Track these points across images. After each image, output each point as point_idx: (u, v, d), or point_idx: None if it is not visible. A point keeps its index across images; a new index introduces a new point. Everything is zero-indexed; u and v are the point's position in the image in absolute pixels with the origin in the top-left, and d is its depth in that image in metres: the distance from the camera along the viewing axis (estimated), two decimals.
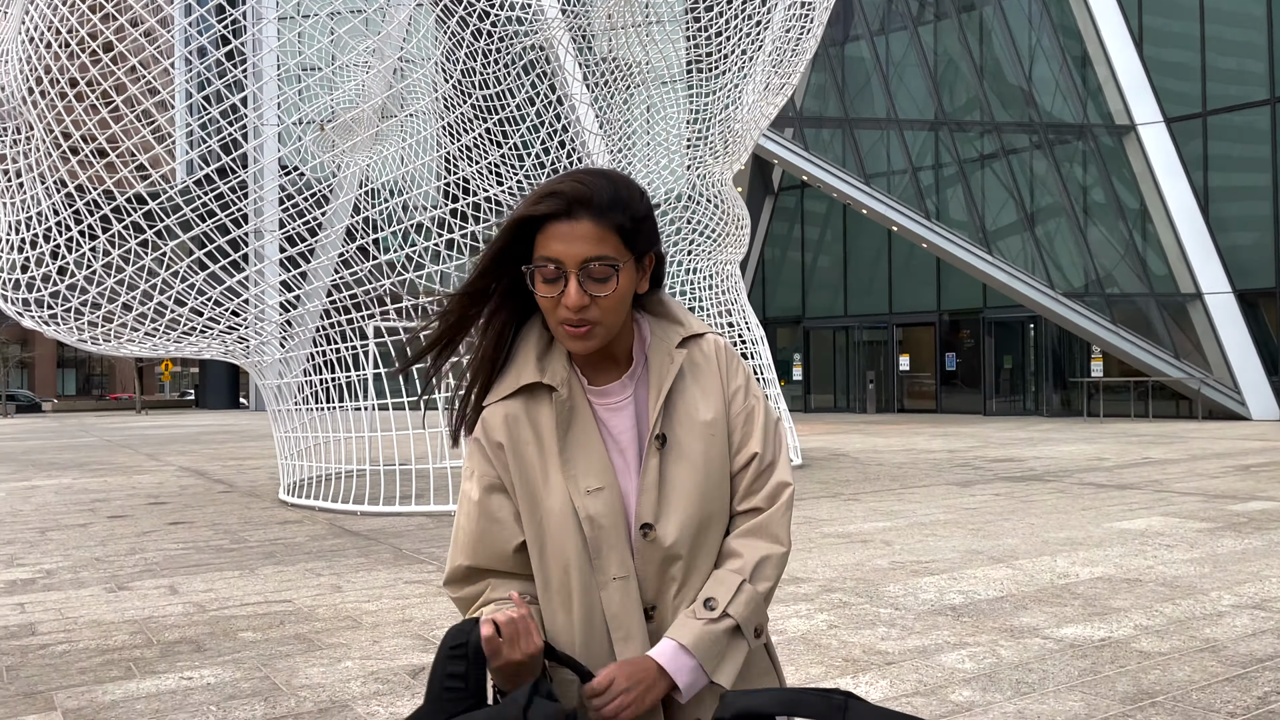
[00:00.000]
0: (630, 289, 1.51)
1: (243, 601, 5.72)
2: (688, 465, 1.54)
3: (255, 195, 10.52)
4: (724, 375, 1.60)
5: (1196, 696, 3.87)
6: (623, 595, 1.50)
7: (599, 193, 1.47)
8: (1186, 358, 21.54)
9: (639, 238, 1.51)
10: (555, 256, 1.46)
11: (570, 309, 1.46)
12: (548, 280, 1.48)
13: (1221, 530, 7.48)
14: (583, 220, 1.46)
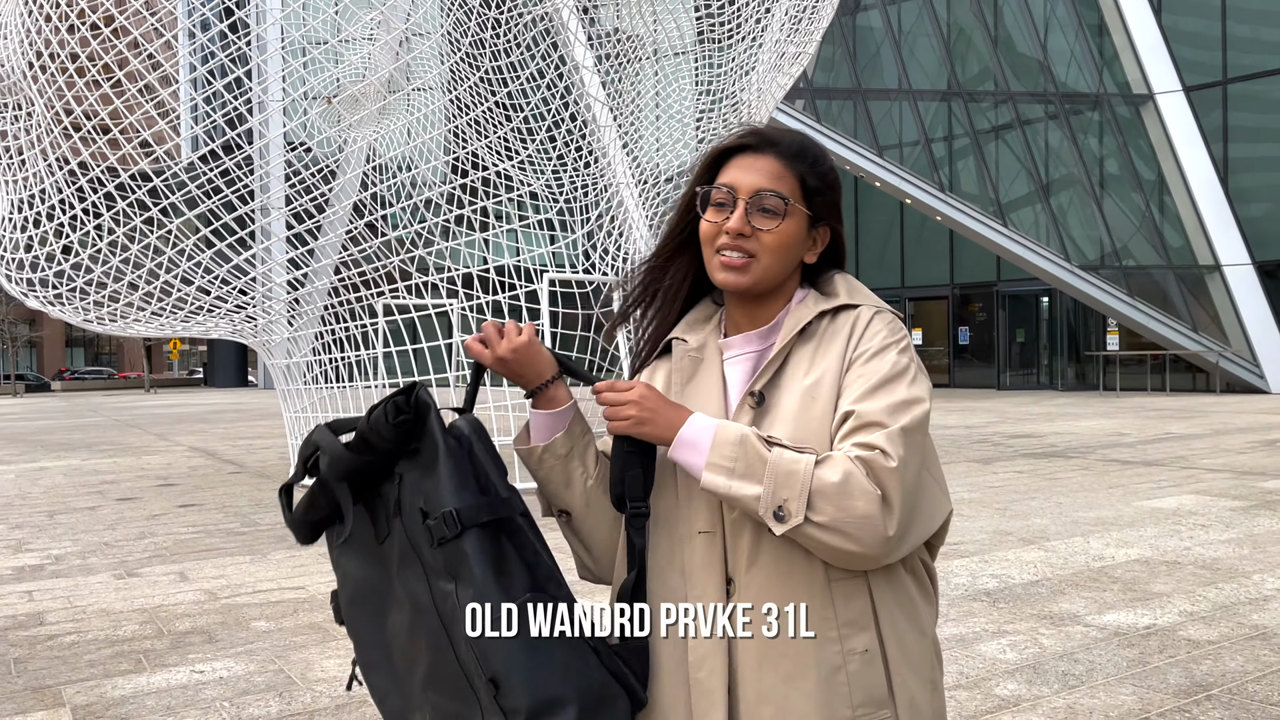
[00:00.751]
0: (796, 242, 1.46)
1: (255, 589, 5.57)
2: (780, 429, 1.38)
3: (261, 171, 10.32)
4: (853, 340, 1.42)
5: (1253, 689, 3.70)
6: (706, 551, 1.40)
7: (789, 140, 1.48)
8: (1204, 330, 21.27)
9: (818, 199, 1.47)
10: (729, 182, 1.46)
11: (729, 233, 1.43)
12: (717, 204, 1.46)
13: (1256, 509, 7.29)
14: (767, 155, 1.46)
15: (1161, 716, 3.46)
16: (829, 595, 1.35)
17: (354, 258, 10.02)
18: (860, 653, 1.35)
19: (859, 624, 1.36)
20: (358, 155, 10.92)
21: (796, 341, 1.44)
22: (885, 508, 1.28)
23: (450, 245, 10.06)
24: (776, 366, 1.43)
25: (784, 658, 1.34)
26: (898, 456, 1.29)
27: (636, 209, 12.24)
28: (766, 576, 1.36)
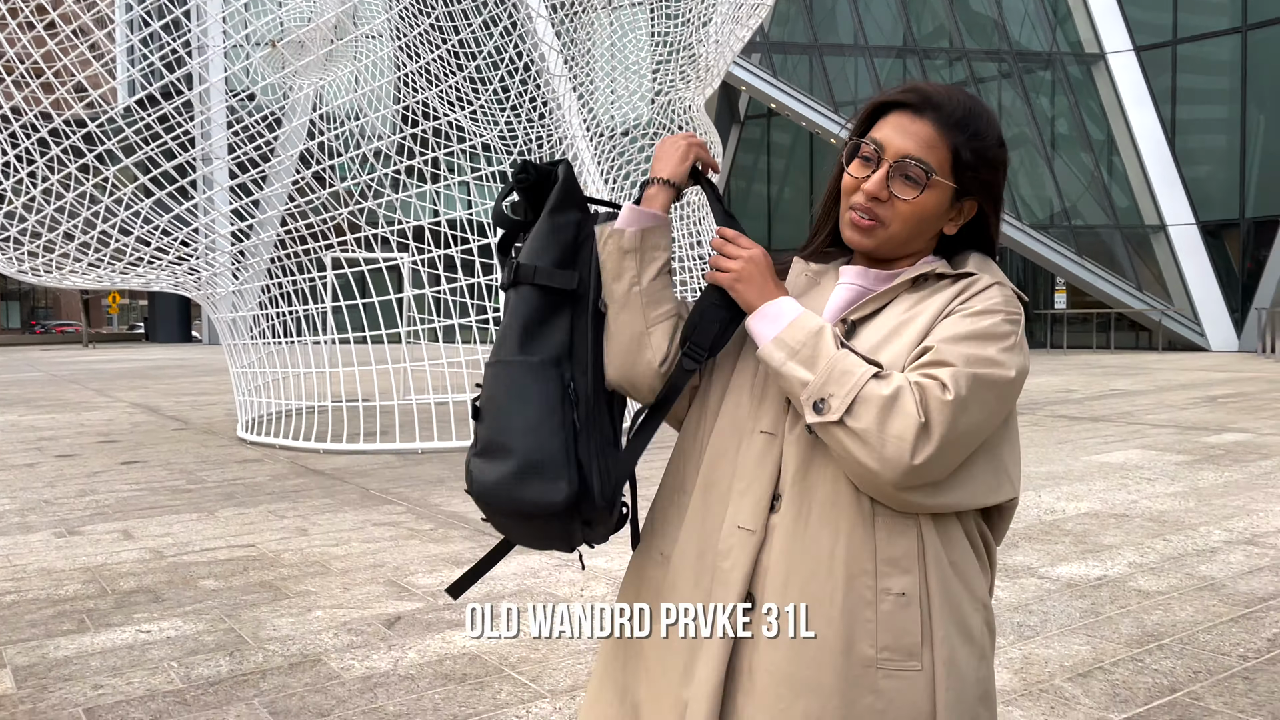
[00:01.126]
0: (934, 214, 1.39)
1: (202, 547, 5.44)
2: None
3: (202, 117, 9.97)
4: (963, 295, 1.36)
5: (1204, 639, 3.76)
6: (762, 452, 1.38)
7: (953, 106, 1.39)
8: (1148, 289, 21.67)
9: (969, 174, 1.38)
10: (880, 140, 1.39)
11: (866, 191, 1.38)
12: (863, 158, 1.40)
13: (1200, 463, 7.44)
14: (925, 119, 1.38)
15: (1115, 665, 3.50)
16: (872, 528, 1.30)
17: (301, 209, 9.75)
18: (896, 594, 1.29)
19: (901, 565, 1.29)
20: (303, 102, 10.59)
21: (906, 289, 1.40)
22: (922, 435, 1.23)
23: (400, 197, 9.82)
24: (879, 305, 1.40)
25: (813, 578, 1.30)
26: (956, 393, 1.24)
27: (591, 161, 12.06)
28: (812, 497, 1.33)
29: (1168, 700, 3.19)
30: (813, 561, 1.30)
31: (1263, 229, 20.42)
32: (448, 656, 3.68)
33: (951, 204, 1.40)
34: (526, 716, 3.14)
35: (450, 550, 5.25)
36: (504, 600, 4.36)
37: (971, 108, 1.39)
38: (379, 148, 9.97)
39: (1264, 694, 3.23)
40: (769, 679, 1.30)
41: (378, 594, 4.49)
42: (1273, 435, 8.77)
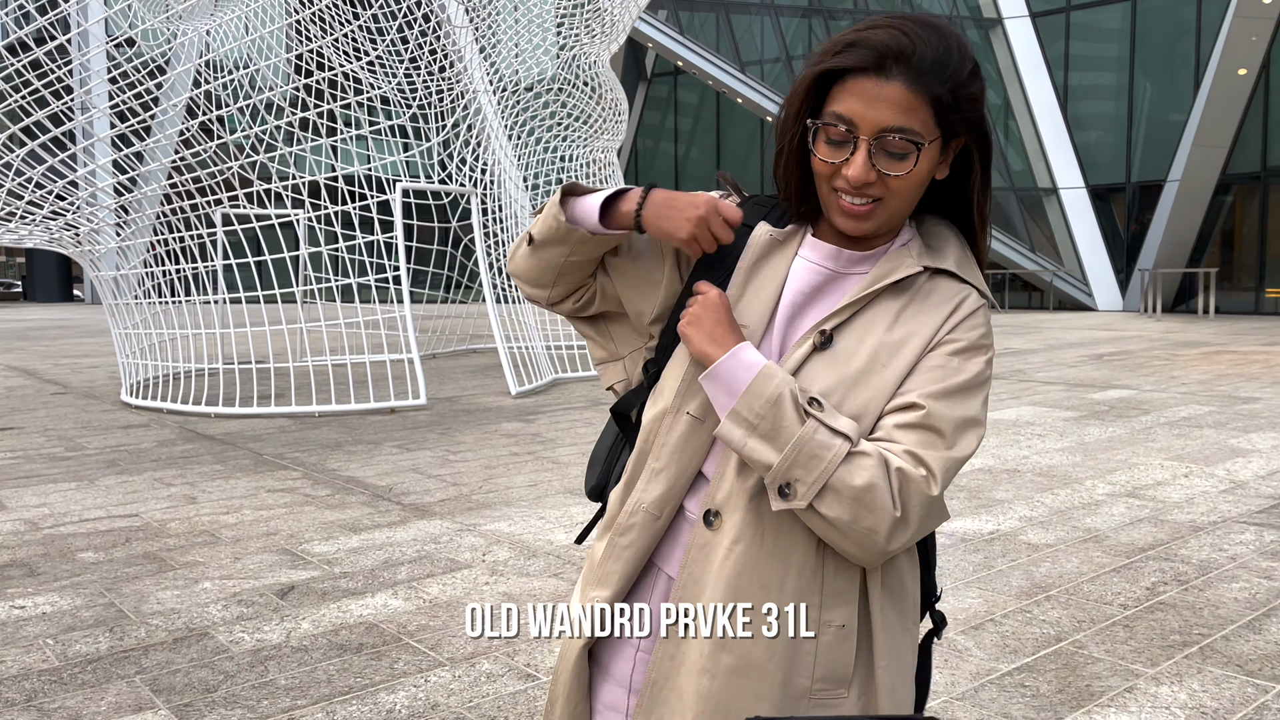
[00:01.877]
0: (928, 174, 1.24)
1: (82, 517, 5.18)
2: (834, 377, 1.23)
3: (79, 63, 9.38)
4: (952, 321, 1.25)
5: (1088, 589, 3.89)
6: (687, 434, 1.28)
7: (922, 49, 1.18)
8: (1040, 251, 22.40)
9: (955, 116, 1.21)
10: (849, 116, 1.20)
11: (852, 181, 1.21)
12: (832, 142, 1.22)
13: (1086, 419, 7.72)
14: (894, 80, 1.18)
15: (1005, 617, 3.60)
16: (821, 561, 1.23)
17: (187, 162, 9.30)
18: (837, 626, 1.23)
19: (843, 597, 1.23)
20: (189, 49, 10.07)
21: (887, 289, 1.27)
22: (899, 526, 1.16)
23: (295, 151, 9.44)
24: (857, 310, 1.26)
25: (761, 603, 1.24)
26: (939, 487, 1.17)
27: (495, 117, 11.80)
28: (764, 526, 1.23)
29: (1054, 649, 3.30)
30: (761, 592, 1.23)
31: (1147, 193, 21.26)
32: (343, 626, 3.58)
33: (940, 154, 1.25)
34: (425, 686, 3.07)
35: (347, 516, 5.11)
36: (402, 566, 4.26)
37: (940, 45, 1.20)
38: (270, 99, 9.55)
39: (1142, 641, 3.36)
40: (701, 705, 1.24)
41: (270, 563, 4.34)
42: (1153, 391, 9.17)
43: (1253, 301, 20.06)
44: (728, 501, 1.24)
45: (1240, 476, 5.75)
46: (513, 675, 3.13)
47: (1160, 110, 21.24)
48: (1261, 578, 3.99)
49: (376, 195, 9.41)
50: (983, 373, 1.25)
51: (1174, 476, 5.76)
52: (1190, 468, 5.98)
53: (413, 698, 2.99)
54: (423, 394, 8.69)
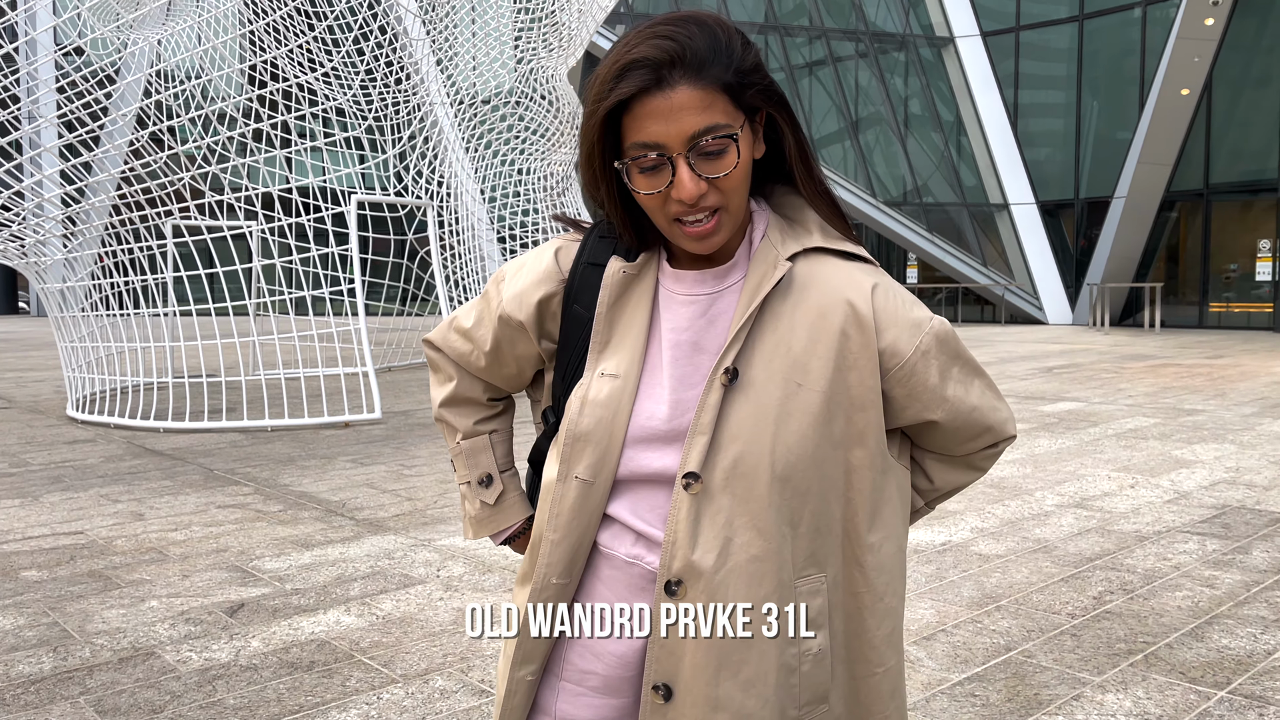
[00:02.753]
0: (750, 160, 1.19)
1: (25, 534, 5.06)
2: (755, 412, 1.19)
3: (26, 72, 9.21)
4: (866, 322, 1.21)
5: (1037, 599, 3.95)
6: (579, 499, 1.25)
7: (692, 45, 1.12)
8: (992, 265, 22.77)
9: (749, 91, 1.16)
10: (654, 140, 1.13)
11: (688, 200, 1.14)
12: (647, 171, 1.15)
13: (1037, 431, 7.85)
14: (679, 87, 1.12)
15: (957, 627, 3.64)
16: (794, 593, 1.22)
17: (137, 173, 9.16)
18: (814, 654, 1.24)
19: (816, 622, 1.24)
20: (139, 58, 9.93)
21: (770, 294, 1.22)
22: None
23: (248, 162, 9.33)
24: (749, 330, 1.21)
25: (745, 664, 1.20)
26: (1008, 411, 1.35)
27: (452, 130, 11.77)
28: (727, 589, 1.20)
29: (1003, 659, 3.34)
30: (740, 644, 1.20)
31: (1094, 209, 21.71)
32: (294, 644, 3.53)
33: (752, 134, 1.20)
34: (378, 703, 3.04)
35: (299, 532, 5.04)
36: (355, 582, 4.21)
37: (704, 33, 1.14)
38: (223, 109, 9.44)
39: (1089, 649, 3.42)
40: None
41: (220, 580, 4.27)
42: (1101, 404, 9.35)
43: (1197, 316, 20.54)
44: (688, 571, 1.20)
45: (1184, 487, 5.87)
46: (466, 691, 3.11)
47: (1107, 128, 21.73)
48: (1204, 586, 4.07)
49: (331, 207, 9.33)
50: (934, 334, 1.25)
51: (1120, 488, 5.88)
52: (1136, 479, 6.10)
53: (365, 715, 2.96)
54: (377, 408, 8.62)
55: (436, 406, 1.47)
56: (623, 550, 1.26)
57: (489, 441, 1.46)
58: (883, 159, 23.64)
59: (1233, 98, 19.58)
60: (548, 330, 1.34)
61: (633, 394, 1.24)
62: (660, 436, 1.23)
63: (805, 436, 1.20)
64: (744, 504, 1.20)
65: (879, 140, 23.77)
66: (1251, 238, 20.04)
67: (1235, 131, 19.73)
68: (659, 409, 1.23)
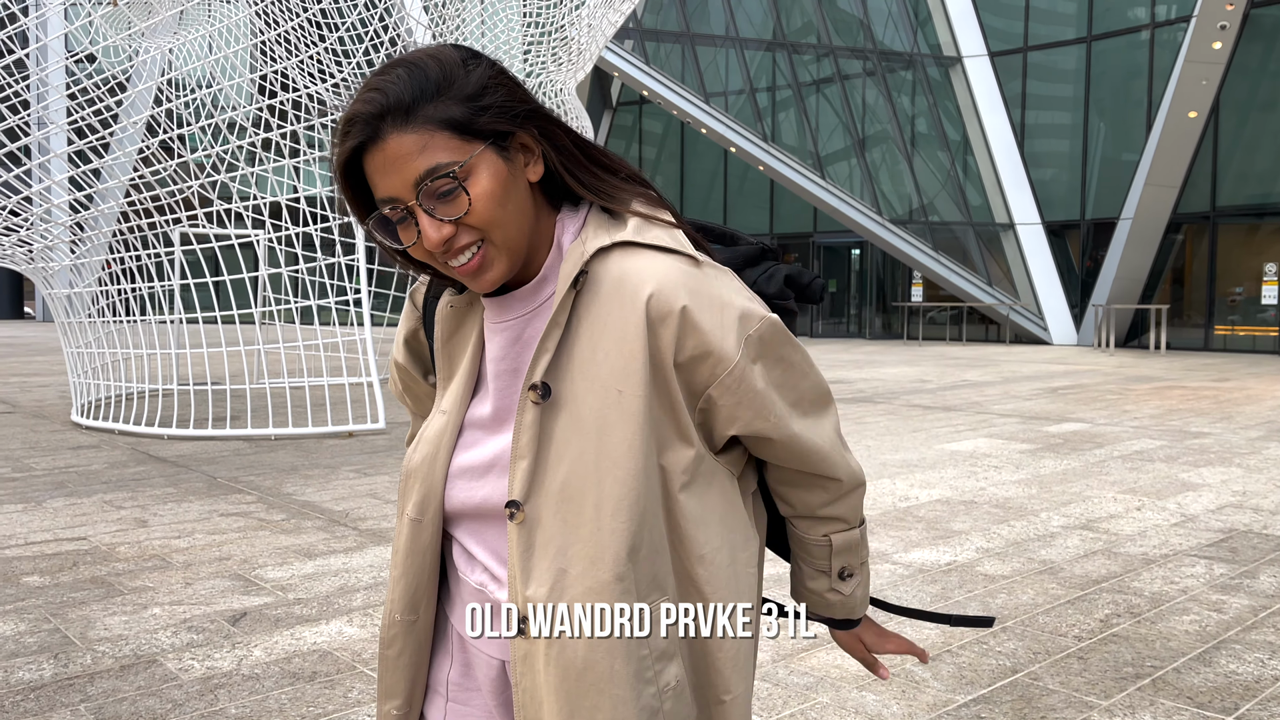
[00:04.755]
0: (507, 184, 1.10)
1: (27, 540, 5.05)
2: (575, 430, 1.13)
3: (37, 78, 9.25)
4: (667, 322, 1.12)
5: (1043, 620, 3.93)
6: (410, 537, 1.25)
7: (395, 91, 1.07)
8: (997, 285, 22.76)
9: (481, 119, 1.09)
10: (387, 195, 1.09)
11: (432, 249, 1.09)
12: (400, 224, 1.11)
13: (1041, 451, 7.83)
14: (390, 137, 1.07)
15: (962, 648, 3.62)
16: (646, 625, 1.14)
17: (146, 180, 9.18)
18: (673, 688, 1.16)
19: (668, 653, 1.16)
20: (151, 66, 9.98)
21: (576, 300, 1.14)
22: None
23: (256, 171, 9.36)
24: (559, 341, 1.14)
25: (598, 710, 1.12)
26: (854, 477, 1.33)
27: None
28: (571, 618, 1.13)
29: (1010, 681, 3.32)
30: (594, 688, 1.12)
31: (1101, 230, 21.71)
32: (296, 654, 3.52)
33: (506, 159, 1.11)
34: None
35: (302, 541, 5.03)
36: (358, 593, 4.20)
37: (411, 75, 1.09)
38: (233, 118, 9.48)
39: (1096, 673, 3.40)
40: None
41: (222, 589, 4.26)
42: (1107, 425, 9.32)
43: (1202, 338, 20.50)
44: (526, 607, 1.14)
45: (1191, 510, 5.85)
46: None
47: (1114, 150, 21.75)
48: (1212, 610, 4.05)
49: (339, 217, 9.35)
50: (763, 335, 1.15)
51: (1127, 510, 5.85)
52: (1142, 501, 6.08)
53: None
54: (382, 418, 8.61)
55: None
56: (473, 578, 1.25)
57: None
58: (889, 177, 23.67)
59: (1240, 121, 19.60)
60: (426, 366, 1.38)
61: (455, 429, 1.23)
62: (477, 468, 1.20)
63: (633, 447, 1.11)
64: (575, 530, 1.11)
65: (885, 158, 23.81)
66: (1258, 261, 20.02)
67: (1242, 155, 19.75)
68: (486, 438, 1.21)
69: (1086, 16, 21.90)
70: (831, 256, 25.64)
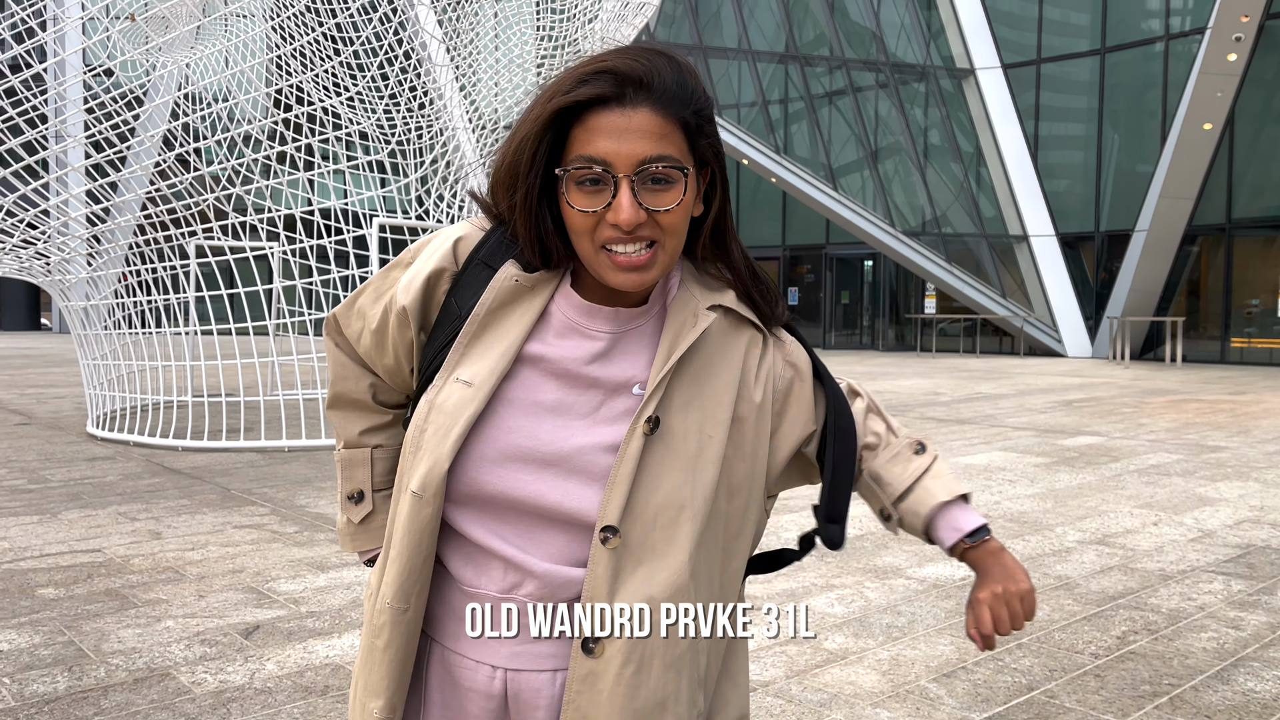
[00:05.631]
0: (690, 207, 1.15)
1: (42, 552, 5.07)
2: (680, 465, 1.17)
3: (55, 93, 9.34)
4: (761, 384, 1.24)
5: (1059, 637, 3.90)
6: (410, 514, 1.17)
7: (661, 75, 1.11)
8: (1011, 296, 22.67)
9: (703, 142, 1.15)
10: (602, 156, 1.09)
11: (624, 225, 1.09)
12: (584, 187, 1.10)
13: (1056, 465, 7.78)
14: (640, 108, 1.09)
15: (977, 665, 3.59)
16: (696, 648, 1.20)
17: (163, 193, 9.25)
18: (701, 712, 1.22)
19: (705, 682, 1.23)
20: (168, 81, 10.06)
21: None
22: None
23: (271, 184, 9.42)
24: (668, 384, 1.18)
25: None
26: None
27: (474, 154, 11.85)
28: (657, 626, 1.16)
29: (1025, 699, 3.29)
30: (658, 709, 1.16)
31: (1115, 242, 21.62)
32: (309, 667, 3.52)
33: (696, 186, 1.17)
34: None
35: (315, 554, 5.04)
36: None
37: (674, 69, 1.13)
38: (248, 131, 9.54)
39: (1113, 690, 3.36)
40: None
41: (235, 601, 4.26)
42: (1122, 439, 9.26)
43: (1219, 351, 20.37)
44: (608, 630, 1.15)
45: (1208, 525, 5.80)
46: None
47: (1128, 161, 21.68)
48: (1230, 627, 4.01)
49: (353, 230, 9.40)
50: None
51: (1143, 524, 5.81)
52: (1159, 516, 6.03)
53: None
54: None
55: (325, 407, 1.43)
56: (493, 587, 1.18)
57: (369, 456, 1.38)
58: (902, 189, 23.64)
59: (1255, 133, 19.50)
60: (427, 319, 1.25)
61: (481, 405, 1.16)
62: (535, 459, 1.16)
63: (716, 489, 1.18)
64: (664, 560, 1.15)
65: (898, 170, 23.78)
66: (1273, 273, 19.90)
67: (1258, 167, 19.65)
68: (538, 428, 1.17)
69: (1100, 28, 21.86)
70: (844, 268, 25.60)
